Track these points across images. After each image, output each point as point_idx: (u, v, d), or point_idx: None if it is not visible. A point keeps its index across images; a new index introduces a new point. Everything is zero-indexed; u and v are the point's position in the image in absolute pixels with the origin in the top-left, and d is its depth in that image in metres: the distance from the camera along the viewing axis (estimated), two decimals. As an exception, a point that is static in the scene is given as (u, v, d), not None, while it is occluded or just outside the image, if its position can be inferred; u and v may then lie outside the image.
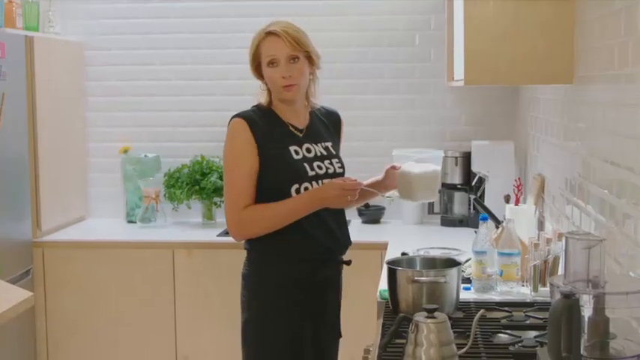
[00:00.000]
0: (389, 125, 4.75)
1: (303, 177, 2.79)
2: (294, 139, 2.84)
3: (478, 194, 4.24)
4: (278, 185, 2.77)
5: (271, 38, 2.79)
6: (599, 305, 1.78)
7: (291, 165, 2.79)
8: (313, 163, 2.83)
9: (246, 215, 2.77)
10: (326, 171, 2.86)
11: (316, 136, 2.92)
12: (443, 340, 2.04)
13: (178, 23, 4.81)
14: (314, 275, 2.85)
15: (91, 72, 4.85)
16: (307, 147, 2.85)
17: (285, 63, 2.77)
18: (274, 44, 2.78)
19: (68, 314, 4.33)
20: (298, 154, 2.82)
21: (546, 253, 2.83)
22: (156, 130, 4.87)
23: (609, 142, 2.41)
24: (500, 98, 4.64)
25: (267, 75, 2.81)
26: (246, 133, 2.77)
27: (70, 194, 4.69)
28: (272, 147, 2.78)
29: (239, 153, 2.78)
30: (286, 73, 2.77)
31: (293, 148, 2.82)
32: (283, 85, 2.78)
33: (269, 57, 2.78)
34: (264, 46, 2.79)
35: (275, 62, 2.78)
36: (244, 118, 2.80)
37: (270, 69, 2.78)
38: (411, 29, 4.69)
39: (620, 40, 2.27)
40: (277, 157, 2.79)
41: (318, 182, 2.81)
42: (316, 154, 2.86)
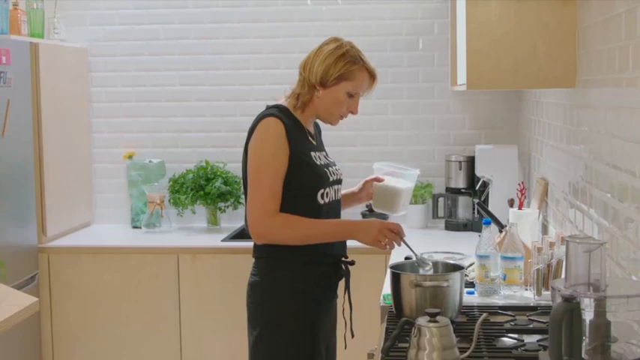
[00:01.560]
0: (392, 130, 4.75)
1: (326, 182, 2.80)
2: (312, 145, 2.86)
3: (482, 198, 4.24)
4: (306, 190, 2.75)
5: (367, 75, 2.81)
6: (600, 309, 1.78)
7: (317, 169, 2.78)
8: (329, 168, 2.86)
9: (277, 222, 2.70)
10: (337, 177, 2.90)
11: (320, 144, 2.97)
12: (445, 344, 2.05)
13: (182, 29, 4.82)
14: (329, 277, 2.87)
15: (96, 78, 4.87)
16: (318, 155, 2.86)
17: (358, 100, 2.83)
18: (366, 82, 2.81)
19: (73, 319, 4.34)
20: (318, 160, 2.83)
21: (549, 257, 2.83)
22: (160, 136, 4.88)
23: (612, 145, 2.42)
24: (504, 102, 4.64)
25: (338, 99, 2.78)
26: (282, 133, 2.71)
27: (75, 200, 4.71)
28: (300, 151, 2.76)
29: (274, 152, 2.71)
30: (355, 110, 2.83)
31: (314, 155, 2.83)
32: (343, 115, 2.83)
33: (355, 90, 2.78)
34: (358, 78, 2.78)
35: (354, 96, 2.80)
36: (280, 119, 2.74)
37: (346, 99, 2.77)
38: (415, 34, 4.70)
39: (621, 44, 2.28)
40: (305, 162, 2.77)
41: (333, 187, 2.84)
42: (327, 162, 2.90)
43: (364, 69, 2.79)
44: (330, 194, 2.84)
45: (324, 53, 2.78)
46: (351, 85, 2.77)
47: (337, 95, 2.77)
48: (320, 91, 2.77)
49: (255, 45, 4.76)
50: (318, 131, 3.00)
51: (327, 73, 2.75)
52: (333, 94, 2.77)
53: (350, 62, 2.76)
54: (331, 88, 2.76)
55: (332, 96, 2.77)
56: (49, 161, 4.35)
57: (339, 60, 2.76)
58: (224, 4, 4.79)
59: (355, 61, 2.77)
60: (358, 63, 2.77)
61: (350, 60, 2.76)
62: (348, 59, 2.76)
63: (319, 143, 2.95)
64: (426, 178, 4.67)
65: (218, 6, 4.79)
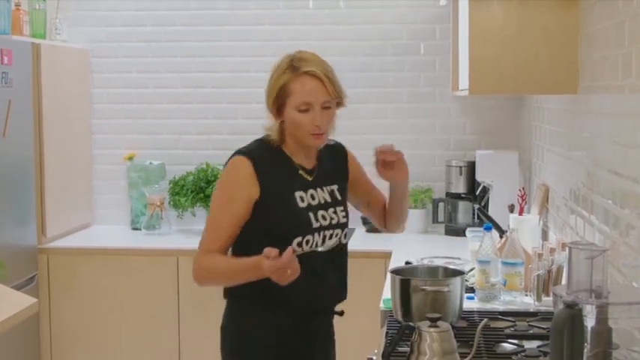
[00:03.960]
0: (393, 134, 4.75)
1: (307, 229, 2.49)
2: (302, 183, 2.54)
3: (482, 204, 4.24)
4: (279, 236, 2.44)
5: (307, 80, 2.45)
6: (602, 315, 1.78)
7: (296, 214, 2.49)
8: (318, 212, 2.53)
9: (204, 261, 2.48)
10: (330, 221, 2.55)
11: (323, 178, 2.60)
12: (446, 349, 2.05)
13: (184, 31, 4.83)
14: (302, 325, 2.55)
15: (97, 79, 4.87)
16: (312, 193, 2.54)
17: (320, 110, 2.45)
18: (311, 88, 2.45)
19: (73, 321, 4.33)
20: (303, 202, 2.51)
21: (550, 263, 2.83)
22: (161, 138, 4.88)
23: (613, 152, 2.42)
24: (505, 108, 4.65)
25: (293, 119, 2.46)
26: (247, 174, 2.46)
27: (75, 201, 4.71)
28: (277, 192, 2.48)
29: (234, 196, 2.47)
30: (320, 122, 2.45)
31: (299, 195, 2.52)
32: (313, 133, 2.47)
33: (303, 102, 2.44)
34: (296, 87, 2.44)
35: (308, 109, 2.45)
36: (249, 157, 2.48)
37: (301, 114, 2.44)
38: (416, 38, 4.70)
39: (624, 51, 2.28)
40: (281, 205, 2.49)
41: (321, 234, 2.51)
42: (320, 202, 2.55)
43: (300, 75, 2.44)
44: (315, 242, 2.50)
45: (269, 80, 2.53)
46: (295, 100, 2.44)
47: (292, 117, 2.46)
48: (281, 120, 2.50)
49: (257, 48, 4.76)
50: (330, 160, 2.65)
51: (269, 99, 2.50)
52: (290, 117, 2.47)
53: (279, 76, 2.47)
54: (284, 112, 2.48)
55: (291, 119, 2.47)
56: (50, 162, 4.35)
57: (271, 81, 2.50)
58: (226, 7, 4.79)
59: (283, 69, 2.47)
60: (289, 70, 2.46)
61: (279, 74, 2.47)
62: (278, 73, 2.47)
63: (321, 178, 2.59)
64: (426, 183, 4.67)
65: (220, 8, 4.79)
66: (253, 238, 2.46)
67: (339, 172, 2.68)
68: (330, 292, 2.63)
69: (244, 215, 2.47)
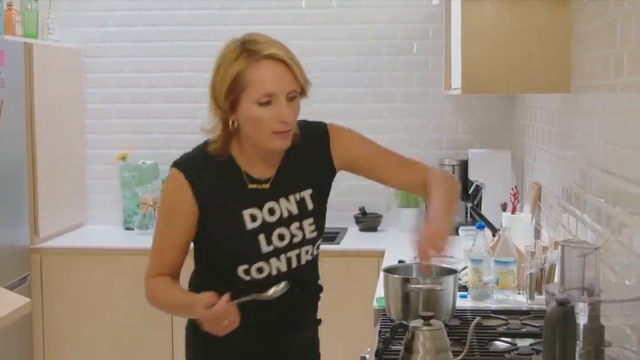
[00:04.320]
0: (387, 133, 4.74)
1: (254, 257, 2.13)
2: (254, 197, 2.14)
3: (475, 202, 4.25)
4: (221, 264, 2.17)
5: (269, 65, 2.03)
6: (595, 313, 1.79)
7: (240, 240, 2.13)
8: (274, 232, 2.14)
9: (149, 285, 2.22)
10: (290, 240, 2.16)
11: (289, 184, 2.18)
12: (439, 347, 2.05)
13: (176, 31, 4.82)
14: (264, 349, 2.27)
15: (90, 79, 4.87)
16: (271, 207, 2.15)
17: (285, 102, 2.05)
18: (274, 75, 2.04)
19: (65, 321, 4.33)
20: (255, 221, 2.13)
21: (542, 262, 2.84)
22: (154, 137, 4.88)
23: (605, 151, 2.43)
24: (498, 107, 4.66)
25: (253, 116, 2.03)
26: (184, 190, 2.11)
27: (68, 201, 4.70)
28: (217, 212, 2.12)
29: (172, 217, 2.16)
30: (287, 116, 2.05)
31: (249, 213, 2.13)
32: (277, 130, 2.05)
33: (265, 94, 2.02)
34: (255, 75, 2.02)
35: (271, 101, 2.03)
36: (185, 172, 2.13)
37: (262, 109, 2.02)
38: (409, 38, 4.71)
39: (616, 51, 2.29)
40: (222, 228, 2.13)
41: (279, 258, 2.15)
42: (282, 216, 2.15)
43: (258, 60, 2.03)
44: (267, 269, 2.15)
45: (213, 71, 2.11)
46: (255, 91, 2.02)
47: (249, 114, 2.04)
48: (234, 121, 2.09)
49: (250, 47, 4.75)
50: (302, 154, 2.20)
51: (216, 94, 2.06)
52: (244, 115, 2.05)
53: (230, 64, 2.04)
54: (238, 109, 2.05)
55: (245, 118, 2.06)
56: (42, 162, 4.34)
57: (218, 72, 2.07)
58: (219, 6, 4.79)
59: (236, 58, 2.04)
60: (243, 58, 2.03)
61: (230, 61, 2.04)
62: (229, 61, 2.04)
63: (285, 184, 2.17)
64: (419, 182, 4.68)
65: (212, 8, 4.79)
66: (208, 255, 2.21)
67: (317, 167, 2.23)
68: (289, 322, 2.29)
69: (188, 233, 2.16)
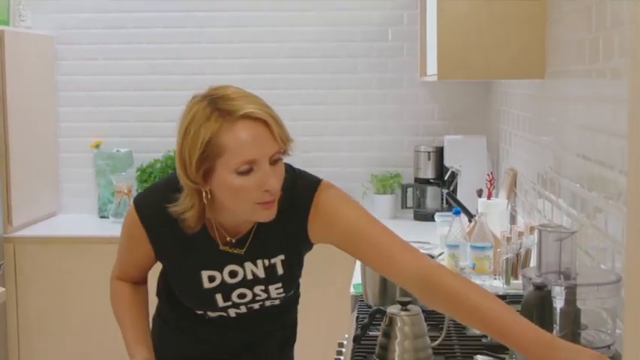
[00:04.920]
0: (362, 120, 4.76)
1: (209, 307, 2.03)
2: (215, 260, 1.97)
3: (450, 189, 4.26)
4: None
5: (247, 127, 1.74)
6: (571, 296, 1.81)
7: (196, 295, 2.01)
8: (233, 291, 1.99)
9: (115, 286, 2.19)
10: (253, 298, 2.01)
11: (260, 249, 1.97)
12: (417, 332, 2.06)
13: (150, 18, 4.78)
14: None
15: (63, 66, 4.82)
16: (232, 270, 1.97)
17: (268, 167, 1.78)
18: (254, 138, 1.75)
19: (40, 310, 4.29)
20: (213, 281, 1.98)
21: (518, 247, 2.85)
22: (128, 125, 4.84)
23: (580, 136, 2.44)
24: (473, 93, 4.67)
25: (231, 187, 1.77)
26: (142, 237, 1.99)
27: (42, 189, 4.66)
28: (174, 266, 2.02)
29: (132, 247, 2.06)
30: (272, 185, 1.78)
31: (207, 274, 1.97)
32: (261, 201, 1.79)
33: (244, 161, 1.74)
34: (231, 139, 1.73)
35: (253, 167, 1.76)
36: (144, 222, 1.95)
37: (242, 179, 1.75)
38: (384, 24, 4.70)
39: (591, 36, 2.30)
40: (178, 279, 2.04)
41: (239, 308, 2.02)
42: (245, 278, 1.98)
43: (234, 121, 1.74)
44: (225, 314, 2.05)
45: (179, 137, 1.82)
46: (230, 159, 1.74)
47: (226, 185, 1.77)
48: (206, 191, 1.82)
49: (224, 34, 4.73)
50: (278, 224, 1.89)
51: (185, 163, 1.78)
52: (219, 186, 1.78)
53: (200, 127, 1.74)
54: (212, 179, 1.78)
55: (221, 189, 1.79)
56: (15, 150, 4.29)
57: (186, 138, 1.77)
58: (193, -7, 4.76)
59: (207, 119, 1.74)
60: (214, 119, 1.74)
61: (200, 124, 1.75)
62: (198, 123, 1.75)
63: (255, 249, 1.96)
64: (394, 169, 4.69)
65: (187, -6, 4.77)
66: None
67: (293, 237, 1.97)
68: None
69: (149, 263, 2.07)
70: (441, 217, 3.56)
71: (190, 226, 1.88)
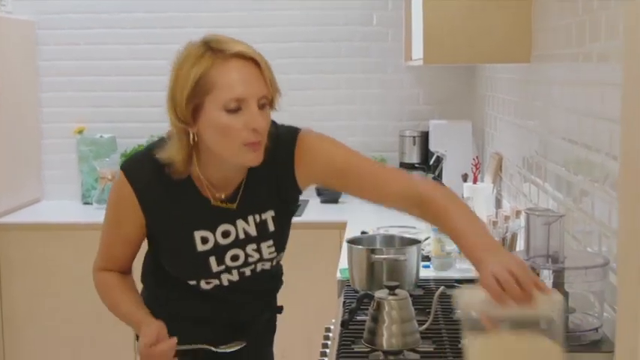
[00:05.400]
0: (346, 105, 4.75)
1: (203, 274, 2.03)
2: (208, 219, 1.99)
3: (436, 173, 4.26)
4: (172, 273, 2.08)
5: (238, 66, 1.80)
6: (559, 280, 1.81)
7: (190, 261, 2.01)
8: (227, 253, 2.01)
9: (101, 279, 2.14)
10: (245, 260, 2.03)
11: (251, 204, 2.00)
12: (404, 316, 2.06)
13: (132, 3, 4.74)
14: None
15: (45, 52, 4.77)
16: (225, 230, 1.99)
17: (256, 108, 1.81)
18: (244, 77, 1.80)
19: (24, 297, 4.27)
20: (206, 243, 1.99)
21: (504, 231, 2.85)
22: (111, 111, 4.81)
23: (566, 120, 2.44)
24: (458, 78, 4.66)
25: (219, 124, 1.80)
26: (132, 203, 1.96)
27: (24, 176, 4.62)
28: (167, 231, 2.00)
29: (120, 220, 2.02)
30: (259, 124, 1.81)
31: (200, 235, 1.98)
32: (248, 142, 1.82)
33: (233, 98, 1.78)
34: (221, 76, 1.78)
35: (240, 106, 1.80)
36: (133, 185, 1.95)
37: (230, 116, 1.79)
38: (369, 9, 4.68)
39: (578, 19, 2.29)
40: (171, 246, 2.03)
41: (231, 273, 2.03)
42: (237, 238, 2.00)
43: (226, 59, 1.80)
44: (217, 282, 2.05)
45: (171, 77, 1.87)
46: (222, 95, 1.78)
47: (213, 122, 1.80)
48: (193, 133, 1.85)
49: (209, 19, 4.70)
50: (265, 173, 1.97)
51: (176, 100, 1.82)
52: (207, 124, 1.81)
53: (193, 65, 1.80)
54: (200, 118, 1.82)
55: (208, 127, 1.81)
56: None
57: (181, 71, 1.83)
58: (176, -23, 4.72)
59: (200, 57, 1.81)
60: (207, 57, 1.80)
61: (193, 62, 1.81)
62: (191, 62, 1.81)
63: (245, 205, 1.99)
64: (379, 153, 4.68)
65: (170, -22, 4.73)
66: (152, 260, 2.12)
67: (281, 186, 2.01)
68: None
69: (138, 237, 2.04)
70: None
71: (179, 170, 1.90)
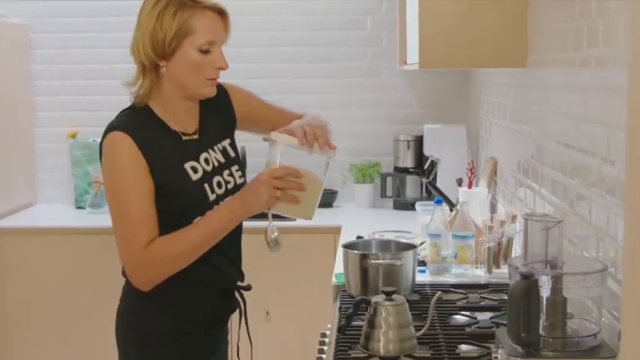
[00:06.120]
0: (340, 109, 4.74)
1: (203, 205, 2.23)
2: (189, 150, 2.25)
3: (430, 177, 4.25)
4: (173, 220, 2.18)
5: (211, 15, 2.20)
6: (557, 286, 1.80)
7: (190, 191, 2.21)
8: (213, 179, 2.26)
9: (154, 253, 2.15)
10: (226, 187, 2.29)
11: (212, 136, 2.34)
12: (401, 322, 2.05)
13: (126, 5, 4.71)
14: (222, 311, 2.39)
15: (38, 55, 4.75)
16: (205, 157, 2.28)
17: (221, 50, 2.24)
18: (215, 24, 2.21)
19: (17, 301, 4.24)
20: (197, 172, 2.23)
21: (500, 235, 2.85)
22: (104, 115, 4.69)
23: (562, 124, 2.44)
24: (453, 82, 4.66)
25: (193, 62, 2.17)
26: (134, 152, 2.14)
27: (17, 180, 4.60)
28: (165, 168, 2.19)
29: (131, 174, 2.15)
30: (224, 64, 2.22)
31: (189, 165, 2.23)
32: (211, 77, 2.22)
33: (207, 41, 2.17)
34: (199, 23, 2.16)
35: (210, 49, 2.19)
36: (128, 132, 2.15)
37: (202, 56, 2.17)
38: (362, 13, 4.68)
39: (575, 24, 2.29)
40: (172, 182, 2.19)
41: (219, 204, 2.25)
42: (214, 165, 2.29)
43: (204, 9, 2.18)
44: None
45: (143, 21, 2.19)
46: (198, 38, 2.16)
47: (188, 59, 2.17)
48: (164, 67, 2.18)
49: (202, 22, 4.69)
50: (212, 111, 2.35)
51: (159, 39, 2.15)
52: (181, 60, 2.17)
53: (179, 11, 2.15)
54: (175, 55, 2.17)
55: (182, 64, 2.18)
56: (-10, 140, 4.24)
57: (164, 16, 2.15)
58: (169, -19, 4.70)
59: (185, 5, 2.15)
60: (190, 6, 2.16)
61: (178, 8, 2.15)
62: (176, 8, 2.15)
63: (208, 137, 2.32)
64: (374, 158, 4.68)
65: (163, -18, 4.71)
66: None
67: (226, 120, 2.41)
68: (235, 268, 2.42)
69: (152, 189, 2.16)
70: (422, 207, 3.56)
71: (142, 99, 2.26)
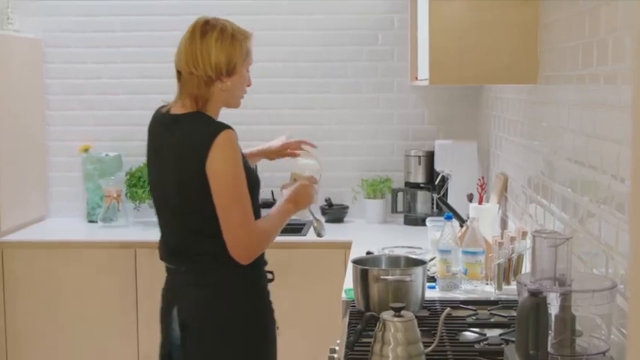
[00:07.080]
0: (352, 124, 4.75)
1: (259, 190, 2.74)
2: None
3: (441, 193, 4.26)
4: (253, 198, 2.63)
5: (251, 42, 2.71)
6: (566, 303, 1.80)
7: (256, 179, 2.71)
8: None
9: (257, 231, 2.58)
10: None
11: None
12: (410, 338, 2.05)
13: (139, 21, 4.76)
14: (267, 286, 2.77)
15: (51, 70, 4.79)
16: None
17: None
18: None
19: (28, 315, 4.26)
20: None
21: (510, 252, 2.85)
22: (117, 129, 4.82)
23: (573, 141, 2.44)
24: (464, 98, 4.67)
25: (246, 79, 2.69)
26: (239, 146, 2.59)
27: (30, 193, 4.63)
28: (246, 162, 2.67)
29: (242, 167, 2.58)
30: (250, 82, 2.73)
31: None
32: (245, 91, 2.73)
33: (251, 61, 2.69)
34: (250, 49, 2.68)
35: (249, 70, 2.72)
36: (233, 130, 2.60)
37: (247, 74, 2.69)
38: (374, 28, 4.70)
39: (585, 41, 2.29)
40: (252, 173, 2.68)
41: None
42: None
43: (249, 36, 2.68)
44: None
45: (214, 42, 2.60)
46: (250, 60, 2.69)
47: (242, 77, 2.66)
48: (227, 82, 2.61)
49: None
50: None
51: (232, 60, 2.60)
52: (239, 77, 2.64)
53: (243, 40, 2.64)
54: (236, 73, 2.63)
55: (239, 79, 2.65)
56: (3, 154, 4.26)
57: (235, 43, 2.61)
58: (182, -4, 4.74)
59: (245, 36, 2.65)
60: (246, 37, 2.66)
61: (241, 38, 2.63)
62: (240, 38, 2.63)
63: None
64: (385, 173, 4.69)
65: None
66: None
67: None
68: None
69: None
70: (432, 222, 3.56)
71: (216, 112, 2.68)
